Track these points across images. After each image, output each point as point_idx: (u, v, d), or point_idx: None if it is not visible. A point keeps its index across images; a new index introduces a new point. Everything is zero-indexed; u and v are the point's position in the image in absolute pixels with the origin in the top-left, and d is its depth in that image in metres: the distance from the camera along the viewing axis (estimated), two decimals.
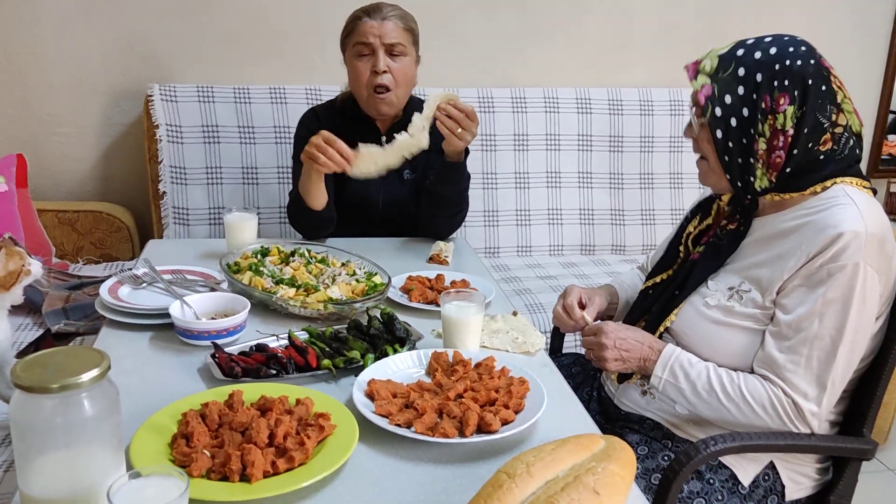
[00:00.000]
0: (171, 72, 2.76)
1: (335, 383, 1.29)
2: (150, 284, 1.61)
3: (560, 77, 3.05)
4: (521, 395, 1.20)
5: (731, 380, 1.32)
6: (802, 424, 1.28)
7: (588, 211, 2.93)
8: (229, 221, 1.84)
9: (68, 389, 0.83)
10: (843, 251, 1.24)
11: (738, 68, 1.31)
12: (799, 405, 1.27)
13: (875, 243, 1.26)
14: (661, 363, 1.37)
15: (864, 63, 3.38)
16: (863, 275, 1.24)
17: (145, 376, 1.28)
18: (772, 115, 1.30)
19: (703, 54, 1.37)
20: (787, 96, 1.29)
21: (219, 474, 0.99)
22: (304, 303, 1.49)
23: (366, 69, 1.95)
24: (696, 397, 1.34)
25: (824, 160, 1.33)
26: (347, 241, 1.97)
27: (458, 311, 1.38)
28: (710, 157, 1.38)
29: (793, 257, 1.30)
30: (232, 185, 2.64)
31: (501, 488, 0.92)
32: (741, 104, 1.31)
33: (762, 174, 1.34)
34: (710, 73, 1.33)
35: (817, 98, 1.29)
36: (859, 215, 1.26)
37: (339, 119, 2.08)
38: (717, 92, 1.32)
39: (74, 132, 2.78)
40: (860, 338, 1.29)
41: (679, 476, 1.26)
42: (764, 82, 1.29)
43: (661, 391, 1.39)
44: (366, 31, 1.94)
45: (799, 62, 1.29)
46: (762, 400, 1.29)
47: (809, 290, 1.28)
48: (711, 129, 1.34)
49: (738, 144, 1.33)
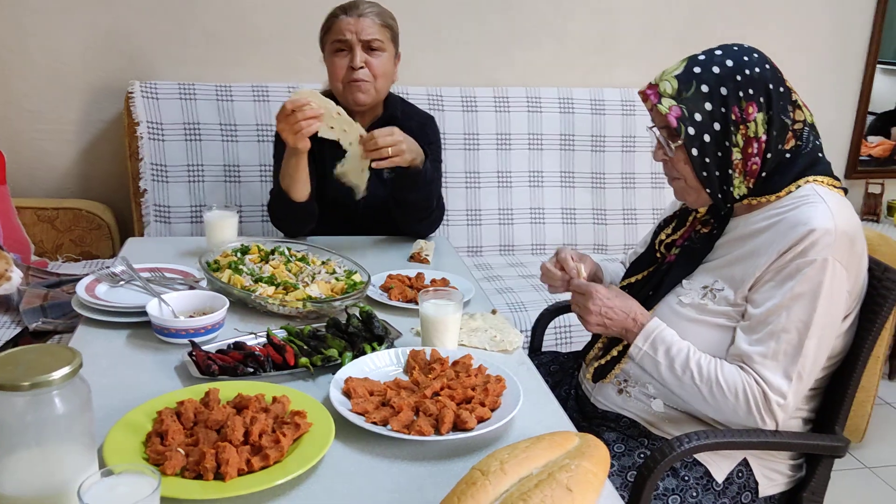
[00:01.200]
0: (153, 69, 2.75)
1: (313, 381, 1.29)
2: (128, 282, 1.61)
3: (543, 77, 3.06)
4: (497, 393, 1.20)
5: (708, 362, 1.33)
6: (769, 416, 1.29)
7: (570, 210, 2.94)
8: (209, 219, 1.83)
9: (39, 387, 0.83)
10: (813, 247, 1.26)
11: (700, 85, 1.33)
12: (767, 396, 1.28)
13: (845, 240, 1.28)
14: (643, 335, 1.38)
15: (842, 64, 3.42)
16: (831, 270, 1.26)
17: (121, 375, 1.28)
18: (743, 124, 1.32)
19: (656, 77, 1.38)
20: (754, 104, 1.32)
21: (193, 472, 0.99)
22: (282, 301, 1.49)
23: (343, 65, 1.96)
24: (670, 374, 1.35)
25: (791, 158, 1.36)
26: (330, 240, 1.97)
27: (436, 309, 1.38)
28: (687, 175, 1.39)
29: (764, 254, 1.32)
30: (213, 183, 2.63)
31: (475, 485, 0.92)
32: (711, 119, 1.33)
33: (740, 182, 1.37)
34: (674, 95, 1.34)
35: (779, 100, 1.33)
36: (829, 213, 1.28)
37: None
38: (686, 112, 1.33)
39: (54, 129, 2.76)
40: (828, 332, 1.30)
41: (654, 473, 1.27)
42: (730, 94, 1.32)
43: (638, 362, 1.40)
44: (342, 27, 1.95)
45: (757, 69, 1.33)
46: (735, 387, 1.30)
47: (778, 285, 1.30)
48: (687, 149, 1.35)
49: (714, 158, 1.35)
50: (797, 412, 1.42)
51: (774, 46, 3.26)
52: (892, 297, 1.38)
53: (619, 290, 1.46)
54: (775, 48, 3.23)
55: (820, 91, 3.42)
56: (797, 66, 3.34)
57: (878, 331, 1.39)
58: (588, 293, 1.43)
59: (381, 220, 2.11)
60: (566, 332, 2.33)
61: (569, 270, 1.52)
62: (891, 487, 2.49)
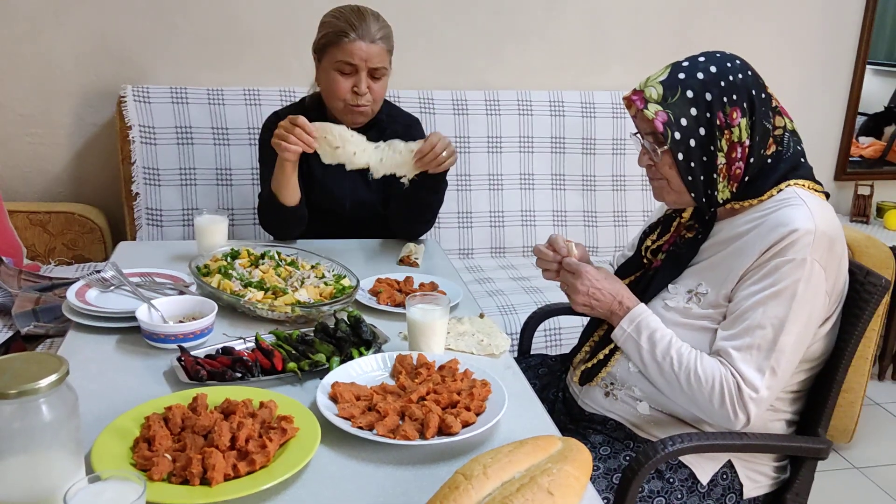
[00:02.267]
0: (145, 73, 2.75)
1: (300, 386, 1.30)
2: (119, 287, 1.62)
3: (534, 80, 3.08)
4: (482, 397, 1.22)
5: (689, 352, 1.34)
6: (742, 409, 1.30)
7: (561, 213, 2.96)
8: (199, 224, 1.84)
9: (26, 395, 0.84)
10: (792, 246, 1.29)
11: (685, 91, 1.35)
12: (742, 389, 1.29)
13: (824, 241, 1.29)
14: (628, 318, 1.40)
15: (832, 65, 3.44)
16: (809, 269, 1.28)
17: (111, 380, 1.29)
18: (728, 129, 1.34)
19: (641, 84, 1.40)
20: (738, 109, 1.34)
21: (180, 478, 1.00)
22: (271, 306, 1.51)
23: (346, 87, 1.94)
24: (651, 359, 1.37)
25: (773, 163, 1.39)
26: (319, 244, 1.98)
27: (422, 314, 1.39)
28: (671, 179, 1.41)
29: (746, 255, 1.34)
30: (205, 187, 2.64)
31: (458, 489, 0.94)
32: (697, 124, 1.35)
33: (724, 187, 1.39)
34: (659, 101, 1.36)
35: (761, 106, 1.36)
36: (810, 214, 1.31)
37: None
38: (672, 117, 1.35)
39: (46, 132, 2.76)
40: (805, 330, 1.32)
41: (638, 475, 1.29)
42: (715, 100, 1.34)
43: (621, 345, 1.42)
44: (353, 51, 1.91)
45: (740, 75, 1.35)
46: (712, 377, 1.31)
47: (756, 282, 1.32)
48: (673, 154, 1.37)
49: (699, 163, 1.37)
50: (780, 414, 1.43)
51: (764, 48, 3.31)
52: (874, 300, 1.40)
53: (609, 273, 1.48)
54: (765, 50, 3.30)
55: (810, 92, 3.44)
56: (788, 67, 3.37)
57: (860, 334, 1.40)
58: (577, 272, 1.45)
59: (368, 224, 2.12)
60: (556, 335, 2.34)
61: (559, 249, 1.52)
62: (879, 487, 2.51)
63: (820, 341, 1.39)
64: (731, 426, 1.32)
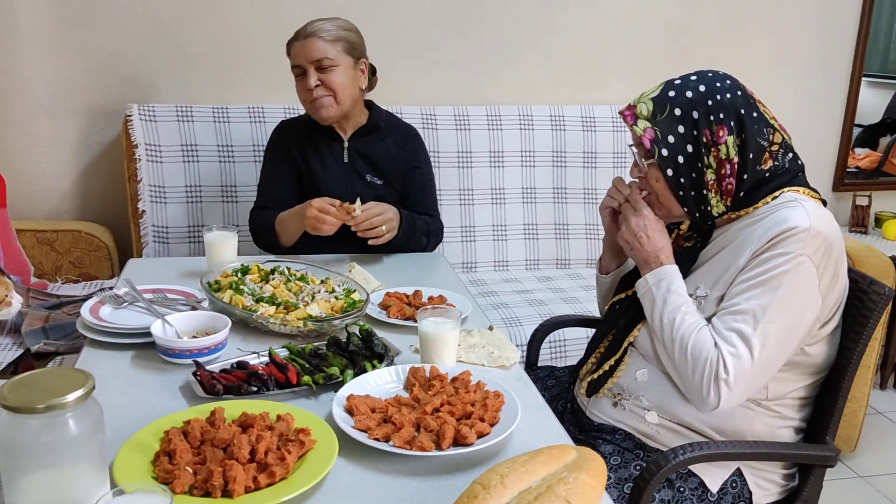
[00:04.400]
0: (150, 92, 2.78)
1: (315, 399, 1.32)
2: (132, 304, 1.63)
3: (535, 95, 3.11)
4: (496, 408, 1.23)
5: (692, 322, 1.37)
6: (715, 391, 1.31)
7: (563, 225, 2.98)
8: (209, 240, 1.86)
9: (54, 410, 0.85)
10: (784, 240, 1.32)
11: (673, 109, 1.39)
12: (719, 371, 1.31)
13: (819, 240, 1.32)
14: (656, 273, 1.44)
15: (829, 77, 3.47)
16: (797, 263, 1.31)
17: (128, 395, 1.30)
18: (714, 147, 1.38)
19: (635, 99, 1.44)
20: (724, 128, 1.38)
21: (201, 490, 1.01)
22: (284, 320, 1.52)
23: (302, 87, 2.08)
24: (658, 318, 1.40)
25: (769, 177, 1.43)
26: (315, 259, 2.01)
27: (434, 327, 1.41)
28: (659, 192, 1.45)
29: (743, 254, 1.37)
30: (211, 204, 2.66)
31: (476, 499, 0.95)
32: (684, 142, 1.39)
33: (717, 202, 1.43)
34: (649, 117, 1.40)
35: (753, 124, 1.39)
36: (806, 214, 1.34)
37: (303, 130, 2.19)
38: (659, 134, 1.40)
39: (53, 152, 2.78)
40: (792, 324, 1.33)
41: (650, 484, 1.30)
42: (701, 118, 1.38)
43: (641, 296, 1.46)
44: (295, 53, 2.07)
45: (728, 95, 1.39)
46: (700, 352, 1.33)
47: (747, 271, 1.35)
48: (662, 169, 1.42)
49: (689, 179, 1.41)
50: (788, 422, 1.45)
51: (762, 63, 3.35)
52: (878, 309, 1.42)
53: (664, 228, 1.49)
54: (763, 65, 3.34)
55: (808, 105, 3.47)
56: (785, 81, 3.40)
57: (865, 342, 1.42)
58: (640, 212, 1.47)
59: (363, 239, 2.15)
60: (561, 347, 2.36)
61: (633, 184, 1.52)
62: (884, 496, 2.52)
63: (822, 345, 1.41)
64: (702, 405, 1.35)
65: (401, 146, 2.19)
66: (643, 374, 1.47)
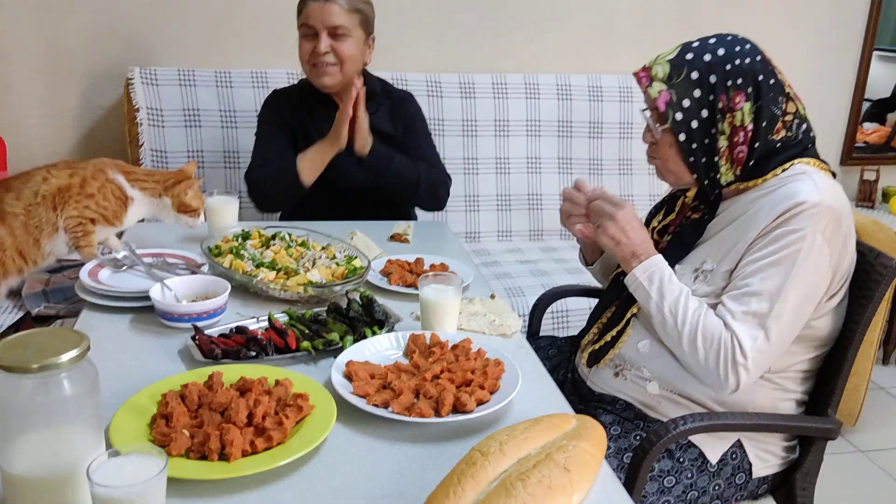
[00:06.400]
0: (152, 55, 2.75)
1: (314, 365, 1.31)
2: (131, 267, 1.62)
3: (541, 64, 3.07)
4: (496, 376, 1.22)
5: (695, 309, 1.34)
6: (733, 374, 1.30)
7: None
8: (210, 205, 1.85)
9: (48, 370, 0.84)
10: (795, 217, 1.29)
11: (691, 72, 1.35)
12: (736, 354, 1.29)
13: (829, 214, 1.30)
14: (644, 266, 1.39)
15: (839, 51, 3.43)
16: (810, 240, 1.28)
17: (125, 358, 1.30)
18: (730, 113, 1.35)
19: (651, 61, 1.40)
20: (741, 94, 1.34)
21: (198, 453, 1.01)
22: (284, 286, 1.51)
23: (308, 49, 2.03)
24: (658, 311, 1.37)
25: (781, 147, 1.39)
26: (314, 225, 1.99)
27: (436, 293, 1.40)
28: (670, 158, 1.41)
29: (752, 229, 1.34)
30: (213, 170, 2.64)
31: (475, 466, 0.94)
32: (699, 106, 1.35)
33: (727, 170, 1.39)
34: (664, 80, 1.37)
35: (769, 92, 1.35)
36: (816, 188, 1.31)
37: (298, 98, 2.17)
38: (674, 97, 1.36)
39: (54, 115, 2.76)
40: (804, 301, 1.31)
41: (649, 455, 1.30)
42: (718, 83, 1.34)
43: (633, 291, 1.42)
44: (309, 13, 2.01)
45: (747, 60, 1.35)
46: (712, 337, 1.31)
47: (758, 251, 1.32)
48: (674, 134, 1.38)
49: (700, 145, 1.37)
50: (790, 394, 1.44)
51: (771, 33, 3.29)
52: (884, 281, 1.40)
53: (639, 221, 1.44)
54: (772, 34, 3.28)
55: (817, 78, 3.42)
56: (794, 52, 3.35)
57: (870, 315, 1.41)
58: (622, 205, 1.41)
59: (362, 204, 2.13)
60: (564, 317, 2.35)
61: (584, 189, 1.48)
62: (884, 471, 2.53)
63: (828, 318, 1.39)
64: (720, 390, 1.33)
65: (396, 112, 2.16)
66: (645, 345, 1.45)
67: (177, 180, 1.72)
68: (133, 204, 1.68)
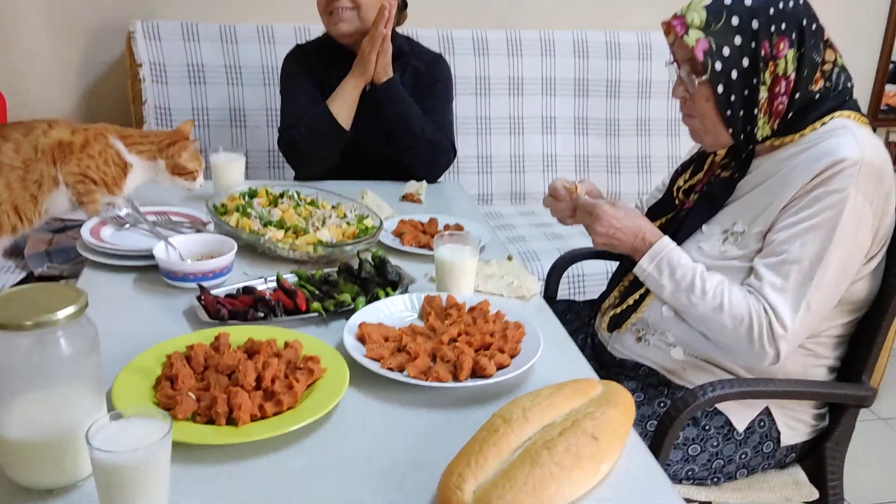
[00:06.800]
0: (154, 8, 2.66)
1: (325, 327, 1.26)
2: (134, 225, 1.56)
3: (557, 19, 2.96)
4: (516, 339, 1.16)
5: (715, 287, 1.28)
6: (771, 346, 1.24)
7: (583, 157, 2.88)
8: (216, 162, 1.79)
9: (43, 327, 0.79)
10: (835, 176, 1.21)
11: (731, 17, 1.26)
12: (773, 325, 1.23)
13: (871, 172, 1.22)
14: (649, 255, 1.34)
15: (866, 13, 3.32)
16: (853, 202, 1.21)
17: (129, 319, 1.25)
18: (772, 61, 1.26)
19: (683, 7, 1.30)
20: (786, 40, 1.25)
21: (204, 417, 0.96)
22: (293, 245, 1.45)
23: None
24: (674, 298, 1.32)
25: (820, 99, 1.30)
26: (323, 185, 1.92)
27: (452, 254, 1.34)
28: (707, 114, 1.32)
29: (787, 188, 1.26)
30: (219, 128, 2.57)
31: (497, 433, 0.89)
32: (741, 55, 1.26)
33: (764, 123, 1.31)
34: (702, 27, 1.27)
35: (811, 38, 1.26)
36: (857, 143, 1.23)
37: (323, 53, 2.07)
38: (713, 45, 1.26)
39: (55, 70, 2.68)
40: (846, 266, 1.25)
41: (676, 422, 1.25)
42: (761, 28, 1.25)
43: (643, 281, 1.37)
44: None
45: (791, 3, 1.26)
46: (741, 313, 1.25)
47: (796, 213, 1.25)
48: (713, 86, 1.28)
49: (740, 97, 1.28)
50: (822, 360, 1.38)
51: None
52: None
53: (627, 207, 1.41)
54: None
55: (844, 37, 3.28)
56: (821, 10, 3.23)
57: None
58: (595, 214, 1.38)
59: (372, 163, 2.06)
60: (580, 282, 2.29)
61: (561, 196, 1.48)
62: None
63: (864, 281, 1.32)
64: (758, 363, 1.27)
65: (423, 72, 2.08)
66: (669, 308, 1.39)
67: (171, 141, 1.65)
68: (132, 170, 1.62)
